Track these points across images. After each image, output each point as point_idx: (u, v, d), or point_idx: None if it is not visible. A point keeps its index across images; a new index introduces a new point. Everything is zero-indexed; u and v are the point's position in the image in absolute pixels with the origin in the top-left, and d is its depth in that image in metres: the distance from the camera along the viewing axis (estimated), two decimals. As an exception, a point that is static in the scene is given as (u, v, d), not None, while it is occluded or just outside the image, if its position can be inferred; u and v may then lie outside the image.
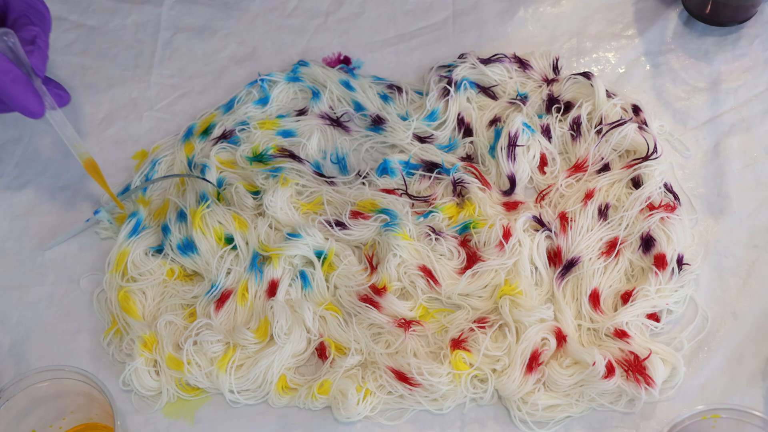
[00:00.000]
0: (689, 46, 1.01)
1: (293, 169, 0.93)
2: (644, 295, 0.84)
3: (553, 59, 1.00)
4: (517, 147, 0.92)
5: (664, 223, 0.87)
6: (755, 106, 0.96)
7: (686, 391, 0.82)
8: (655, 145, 0.91)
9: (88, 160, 0.86)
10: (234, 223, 0.89)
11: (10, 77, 0.75)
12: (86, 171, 0.87)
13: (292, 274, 0.87)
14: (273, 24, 1.06)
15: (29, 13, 0.80)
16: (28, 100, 0.77)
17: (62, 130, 0.84)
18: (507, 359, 0.82)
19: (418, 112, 0.97)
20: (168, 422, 0.83)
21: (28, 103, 0.77)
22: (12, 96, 0.76)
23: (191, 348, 0.83)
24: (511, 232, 0.87)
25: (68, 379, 0.78)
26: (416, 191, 0.93)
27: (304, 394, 0.83)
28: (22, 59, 0.77)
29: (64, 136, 0.84)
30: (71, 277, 0.91)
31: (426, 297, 0.87)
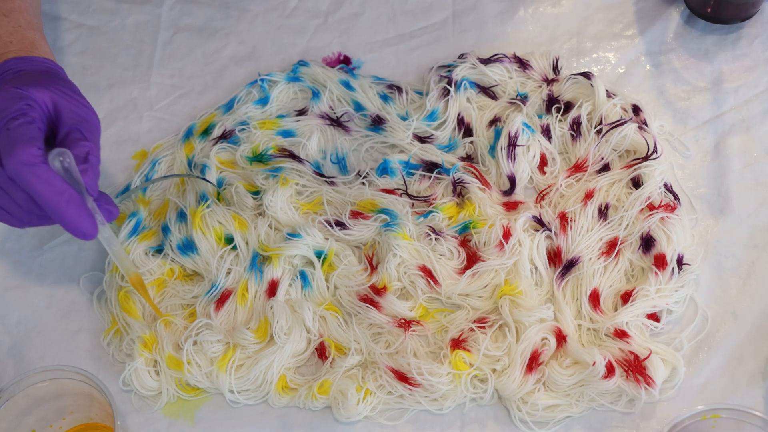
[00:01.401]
0: (689, 46, 1.01)
1: (293, 169, 0.93)
2: (644, 295, 0.84)
3: (553, 59, 1.00)
4: (517, 147, 0.92)
5: (664, 223, 0.87)
6: (755, 106, 0.96)
7: (686, 391, 0.82)
8: (655, 145, 0.91)
9: (135, 277, 0.83)
10: (234, 223, 0.89)
11: (65, 198, 0.72)
12: (132, 286, 0.84)
13: (292, 274, 0.87)
14: (273, 24, 1.06)
15: (81, 126, 0.76)
16: (82, 223, 0.73)
17: (110, 246, 0.81)
18: (507, 359, 0.82)
19: (418, 112, 0.97)
20: (168, 422, 0.83)
21: (81, 225, 0.73)
22: (66, 219, 0.72)
23: (191, 348, 0.83)
24: (511, 232, 0.87)
25: (68, 379, 0.78)
26: (416, 191, 0.93)
27: (304, 394, 0.83)
28: (77, 179, 0.73)
29: (111, 253, 0.81)
30: (71, 277, 0.91)
31: (426, 297, 0.87)
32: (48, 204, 0.72)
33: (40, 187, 0.71)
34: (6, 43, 0.82)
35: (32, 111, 0.74)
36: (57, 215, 0.72)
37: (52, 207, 0.72)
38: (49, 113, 0.75)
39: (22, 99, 0.74)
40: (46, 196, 0.71)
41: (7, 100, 0.74)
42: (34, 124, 0.73)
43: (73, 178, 0.73)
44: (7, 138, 0.72)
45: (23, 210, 0.74)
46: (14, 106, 0.73)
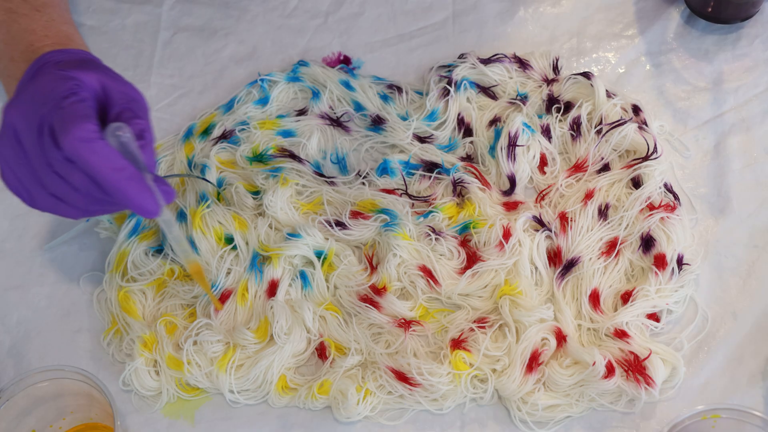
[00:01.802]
0: (689, 46, 1.01)
1: (293, 169, 0.93)
2: (644, 295, 0.84)
3: (553, 59, 1.00)
4: (517, 147, 0.92)
5: (664, 223, 0.87)
6: (755, 106, 0.96)
7: (686, 391, 0.82)
8: (655, 145, 0.91)
9: (194, 264, 0.81)
10: (234, 223, 0.89)
11: (126, 175, 0.69)
12: (190, 273, 0.82)
13: (292, 274, 0.87)
14: (273, 24, 1.06)
15: (132, 105, 0.74)
16: (145, 199, 0.70)
17: (170, 230, 0.78)
18: (507, 359, 0.82)
19: (418, 112, 0.97)
20: (168, 422, 0.83)
21: (144, 201, 0.70)
22: (128, 195, 0.69)
23: (191, 348, 0.83)
24: (511, 232, 0.87)
25: (68, 379, 0.78)
26: (416, 191, 0.93)
27: (304, 394, 0.83)
28: (135, 155, 0.71)
29: (171, 236, 0.79)
30: (71, 277, 0.91)
31: (426, 297, 0.87)
32: (109, 181, 0.69)
33: (99, 163, 0.68)
34: (41, 37, 0.81)
35: (82, 90, 0.71)
36: (119, 193, 0.69)
37: (113, 184, 0.69)
38: (97, 94, 0.73)
39: (71, 80, 0.72)
40: (106, 172, 0.68)
41: (54, 81, 0.72)
42: (86, 102, 0.71)
43: (132, 154, 0.70)
44: (61, 116, 0.69)
45: (80, 194, 0.71)
46: (63, 86, 0.71)
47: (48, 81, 0.72)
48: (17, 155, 0.72)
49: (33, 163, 0.71)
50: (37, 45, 0.80)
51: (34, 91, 0.72)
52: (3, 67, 0.82)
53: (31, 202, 0.74)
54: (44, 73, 0.73)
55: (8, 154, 0.72)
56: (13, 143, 0.72)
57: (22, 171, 0.72)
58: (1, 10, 0.83)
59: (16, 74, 0.79)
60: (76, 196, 0.72)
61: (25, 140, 0.71)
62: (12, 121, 0.71)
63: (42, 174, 0.71)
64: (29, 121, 0.71)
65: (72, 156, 0.68)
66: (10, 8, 0.83)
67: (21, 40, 0.81)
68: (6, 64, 0.81)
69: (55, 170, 0.70)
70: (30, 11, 0.82)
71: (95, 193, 0.71)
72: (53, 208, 0.73)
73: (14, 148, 0.72)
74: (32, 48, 0.80)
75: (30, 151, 0.71)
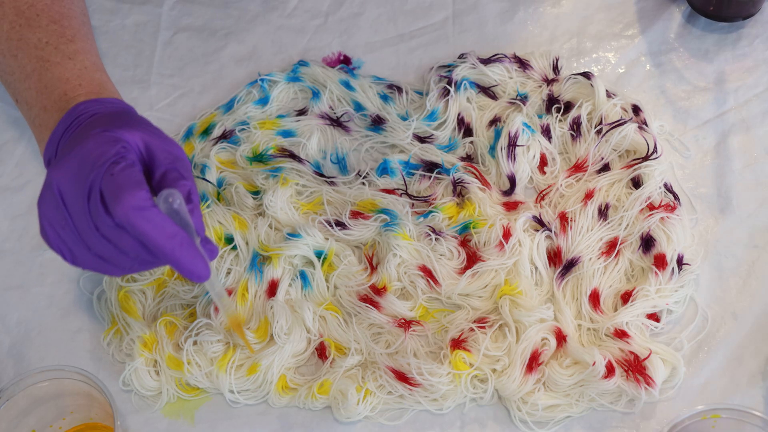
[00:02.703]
0: (689, 46, 1.01)
1: (293, 169, 0.93)
2: (644, 295, 0.84)
3: (553, 59, 1.00)
4: (517, 147, 0.92)
5: (664, 223, 0.87)
6: (755, 106, 0.96)
7: (686, 391, 0.82)
8: (655, 145, 0.91)
9: (235, 318, 0.81)
10: (234, 223, 0.89)
11: (178, 241, 0.69)
12: (231, 326, 0.82)
13: (292, 274, 0.87)
14: (273, 24, 1.06)
15: (177, 165, 0.73)
16: (197, 265, 0.70)
17: (213, 287, 0.78)
18: (507, 359, 0.82)
19: (418, 112, 0.97)
20: (168, 422, 0.83)
21: (196, 267, 0.70)
22: (181, 262, 0.69)
23: (191, 348, 0.83)
24: (511, 232, 0.87)
25: (68, 379, 0.78)
26: (416, 191, 0.93)
27: (304, 394, 0.83)
28: (186, 220, 0.70)
29: (213, 293, 0.79)
30: (71, 277, 0.91)
31: (426, 297, 0.87)
32: (161, 248, 0.69)
33: (152, 231, 0.68)
34: (75, 86, 0.79)
35: (129, 154, 0.71)
36: (171, 259, 0.69)
37: (166, 251, 0.69)
38: (142, 155, 0.72)
39: (117, 142, 0.71)
40: (159, 240, 0.68)
41: (102, 145, 0.71)
42: (135, 167, 0.70)
43: (182, 219, 0.70)
44: (112, 184, 0.69)
45: (128, 257, 0.71)
46: (111, 150, 0.70)
47: (94, 146, 0.71)
48: (62, 217, 0.71)
49: (78, 226, 0.71)
50: (71, 95, 0.79)
51: (81, 155, 0.71)
52: (34, 115, 0.80)
53: (74, 261, 0.73)
54: (89, 135, 0.72)
55: (52, 215, 0.71)
56: (57, 205, 0.71)
57: (65, 232, 0.71)
58: (33, 59, 0.81)
59: (49, 124, 0.78)
60: (122, 259, 0.71)
61: (70, 203, 0.71)
62: (58, 184, 0.70)
63: (88, 237, 0.71)
64: (76, 185, 0.70)
65: (124, 224, 0.68)
66: (42, 57, 0.81)
67: (54, 90, 0.79)
68: (38, 113, 0.80)
69: (103, 234, 0.70)
70: (63, 59, 0.81)
71: (144, 257, 0.71)
72: (96, 267, 0.73)
73: (59, 209, 0.71)
74: (66, 98, 0.79)
75: (76, 214, 0.70)
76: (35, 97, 0.80)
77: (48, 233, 0.72)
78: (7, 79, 0.84)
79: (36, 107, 0.80)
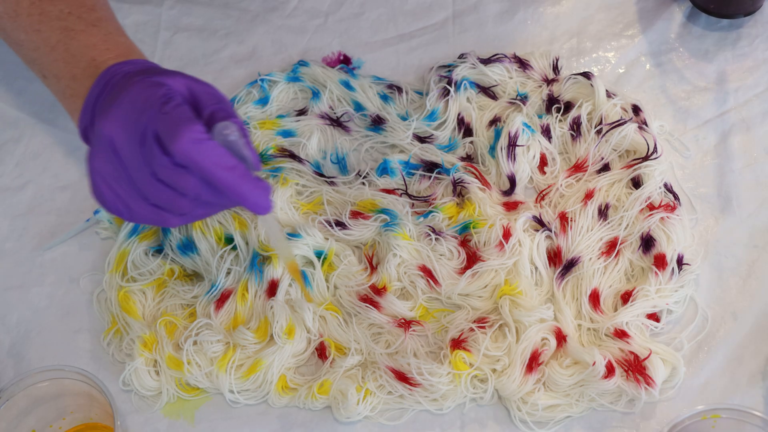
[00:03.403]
0: (689, 47, 1.01)
1: (293, 169, 0.93)
2: (644, 295, 0.84)
3: (553, 59, 1.00)
4: (517, 147, 0.92)
5: (664, 223, 0.87)
6: (755, 106, 0.96)
7: (686, 391, 0.82)
8: (655, 145, 0.91)
9: (291, 261, 0.81)
10: (234, 222, 0.89)
11: (239, 173, 0.68)
12: (289, 271, 0.82)
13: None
14: (273, 24, 1.06)
15: (222, 105, 0.72)
16: (259, 195, 0.69)
17: (271, 226, 0.77)
18: (507, 359, 0.82)
19: (418, 112, 0.97)
20: (168, 422, 0.83)
21: (259, 197, 0.69)
22: (244, 193, 0.69)
23: (191, 348, 0.83)
24: (511, 232, 0.87)
25: (68, 379, 0.78)
26: (416, 191, 0.93)
27: (304, 394, 0.83)
28: (242, 153, 0.69)
29: (272, 233, 0.77)
30: (71, 277, 0.91)
31: (426, 297, 0.87)
32: (224, 181, 0.68)
33: (213, 164, 0.67)
34: (103, 51, 0.79)
35: (176, 95, 0.71)
36: (234, 191, 0.68)
37: (229, 183, 0.68)
38: (186, 97, 0.72)
39: (162, 85, 0.71)
40: (221, 173, 0.68)
41: (147, 89, 0.71)
42: (185, 105, 0.70)
43: (239, 151, 0.69)
44: (166, 122, 0.68)
45: (187, 200, 0.70)
46: (158, 92, 0.70)
47: (139, 90, 0.71)
48: (115, 169, 0.71)
49: (134, 175, 0.70)
50: (99, 59, 0.79)
51: (128, 101, 0.71)
52: (65, 86, 0.80)
53: (129, 215, 0.73)
54: (132, 83, 0.72)
55: (105, 169, 0.71)
56: (110, 158, 0.71)
57: (120, 185, 0.71)
58: (57, 30, 0.81)
59: (81, 92, 0.78)
60: (181, 202, 0.71)
61: (124, 153, 0.70)
62: (109, 135, 0.70)
63: (144, 184, 0.70)
64: (128, 132, 0.70)
65: (184, 160, 0.68)
66: (66, 26, 0.81)
67: (82, 57, 0.79)
68: (68, 83, 0.80)
69: (160, 178, 0.70)
70: (87, 27, 0.81)
71: (205, 196, 0.70)
72: (154, 218, 0.73)
73: (112, 162, 0.71)
74: (95, 63, 0.79)
75: (130, 162, 0.70)
76: (63, 67, 0.80)
77: (102, 190, 0.72)
78: (32, 55, 0.83)
79: (65, 78, 0.80)
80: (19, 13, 0.83)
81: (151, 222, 0.73)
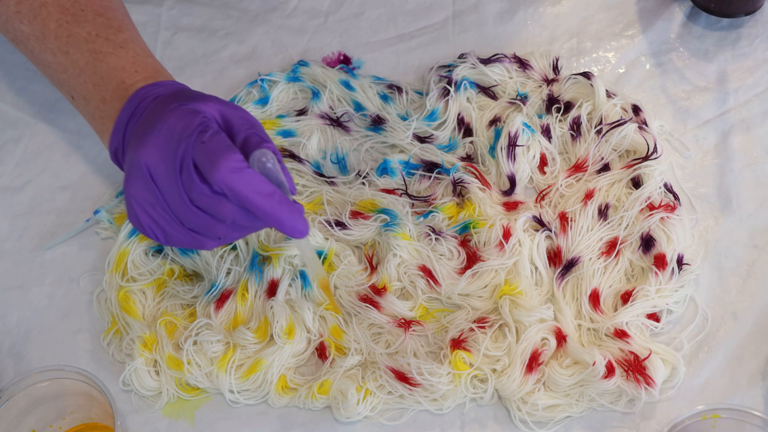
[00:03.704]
0: (689, 47, 1.01)
1: (293, 169, 0.93)
2: (644, 295, 0.84)
3: (553, 59, 1.00)
4: (517, 147, 0.92)
5: (664, 223, 0.87)
6: (755, 106, 0.96)
7: (686, 391, 0.82)
8: (655, 145, 0.91)
9: (323, 280, 0.82)
10: (234, 223, 0.89)
11: (277, 200, 0.70)
12: (321, 288, 0.83)
13: (292, 274, 0.87)
14: (273, 24, 1.06)
15: (255, 130, 0.74)
16: (297, 220, 0.71)
17: (304, 247, 0.78)
18: (507, 359, 0.82)
19: (418, 112, 0.97)
20: (168, 422, 0.83)
21: (296, 222, 0.71)
22: (282, 219, 0.70)
23: (191, 348, 0.83)
24: (511, 232, 0.87)
25: (68, 379, 0.78)
26: (416, 191, 0.93)
27: (304, 394, 0.83)
28: (279, 179, 0.71)
29: (305, 253, 0.79)
30: (71, 277, 0.91)
31: (426, 297, 0.87)
32: (262, 208, 0.70)
33: (252, 192, 0.69)
34: (131, 73, 0.80)
35: (211, 123, 0.72)
36: (272, 218, 0.70)
37: (267, 210, 0.70)
38: (220, 124, 0.74)
39: (198, 113, 0.72)
40: (259, 200, 0.69)
41: (185, 117, 0.72)
42: (222, 133, 0.71)
43: (276, 178, 0.71)
44: (205, 151, 0.70)
45: (224, 225, 0.72)
46: (195, 120, 0.72)
47: (177, 118, 0.72)
48: (152, 195, 0.72)
49: (171, 201, 0.72)
50: (129, 82, 0.80)
51: (165, 130, 0.72)
52: (93, 108, 0.81)
53: (166, 239, 0.74)
54: (167, 111, 0.73)
55: (142, 195, 0.72)
56: (147, 184, 0.72)
57: (156, 211, 0.73)
58: (85, 52, 0.82)
59: (110, 114, 0.79)
60: (218, 227, 0.73)
61: (161, 180, 0.72)
62: (147, 163, 0.72)
63: (181, 210, 0.72)
64: (165, 160, 0.71)
65: (223, 188, 0.69)
66: (94, 49, 0.82)
67: (111, 79, 0.80)
68: (97, 105, 0.81)
69: (198, 205, 0.71)
70: (115, 49, 0.82)
71: (241, 221, 0.72)
72: (190, 242, 0.74)
73: (149, 189, 0.72)
74: (124, 85, 0.80)
75: (167, 189, 0.72)
76: (92, 90, 0.81)
77: (139, 215, 0.73)
78: (60, 77, 0.84)
79: (94, 100, 0.81)
80: (46, 35, 0.83)
81: (187, 245, 0.75)
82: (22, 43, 0.86)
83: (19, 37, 0.85)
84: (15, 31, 0.85)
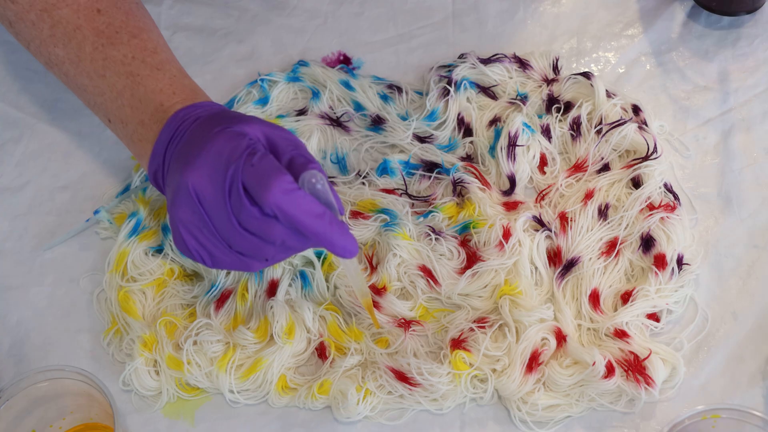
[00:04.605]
0: (690, 46, 1.01)
1: (293, 169, 0.93)
2: (644, 295, 0.84)
3: (553, 59, 1.00)
4: (517, 147, 0.92)
5: (664, 223, 0.87)
6: (755, 106, 0.96)
7: (686, 391, 0.82)
8: (655, 145, 0.91)
9: (367, 299, 0.82)
10: (234, 223, 0.89)
11: (327, 220, 0.70)
12: (365, 307, 0.83)
13: (292, 274, 0.87)
14: (273, 24, 1.06)
15: (299, 150, 0.74)
16: (348, 240, 0.71)
17: (351, 267, 0.79)
18: (507, 359, 0.82)
19: (418, 112, 0.97)
20: (168, 422, 0.83)
21: (347, 243, 0.71)
22: (333, 240, 0.71)
23: (191, 348, 0.83)
24: (511, 232, 0.87)
25: (68, 379, 0.78)
26: (416, 191, 0.93)
27: (304, 394, 0.83)
28: (328, 200, 0.71)
29: (350, 272, 0.79)
30: (71, 277, 0.91)
31: (426, 297, 0.87)
32: (313, 229, 0.70)
33: (303, 214, 0.70)
34: (169, 95, 0.80)
35: (259, 145, 0.73)
36: (323, 239, 0.71)
37: (318, 231, 0.70)
38: (265, 145, 0.74)
39: (244, 136, 0.73)
40: (310, 222, 0.70)
41: (232, 140, 0.72)
42: (270, 155, 0.71)
43: (325, 199, 0.71)
44: (256, 174, 0.70)
45: (273, 247, 0.73)
46: (242, 143, 0.72)
47: (224, 142, 0.72)
48: (199, 219, 0.73)
49: (218, 225, 0.72)
50: (167, 104, 0.80)
51: (213, 153, 0.72)
52: (132, 131, 0.81)
53: (212, 262, 0.75)
54: (212, 134, 0.73)
55: (189, 219, 0.73)
56: (194, 208, 0.72)
57: (203, 234, 0.73)
58: (122, 75, 0.82)
59: (149, 137, 0.79)
60: (266, 249, 0.73)
61: (208, 203, 0.72)
62: (194, 186, 0.72)
63: (229, 233, 0.72)
64: (214, 184, 0.71)
65: (275, 210, 0.70)
66: (131, 72, 0.82)
67: (149, 102, 0.80)
68: (135, 128, 0.81)
69: (246, 227, 0.72)
70: (152, 71, 0.82)
71: (290, 242, 0.73)
72: (237, 264, 0.75)
73: (196, 212, 0.72)
74: (162, 108, 0.79)
75: (215, 212, 0.72)
76: (130, 113, 0.81)
77: (185, 239, 0.74)
78: (96, 100, 0.84)
79: (132, 123, 0.81)
80: (82, 59, 0.83)
81: (234, 268, 0.75)
82: (56, 66, 0.85)
83: (54, 60, 0.85)
84: (49, 55, 0.85)
